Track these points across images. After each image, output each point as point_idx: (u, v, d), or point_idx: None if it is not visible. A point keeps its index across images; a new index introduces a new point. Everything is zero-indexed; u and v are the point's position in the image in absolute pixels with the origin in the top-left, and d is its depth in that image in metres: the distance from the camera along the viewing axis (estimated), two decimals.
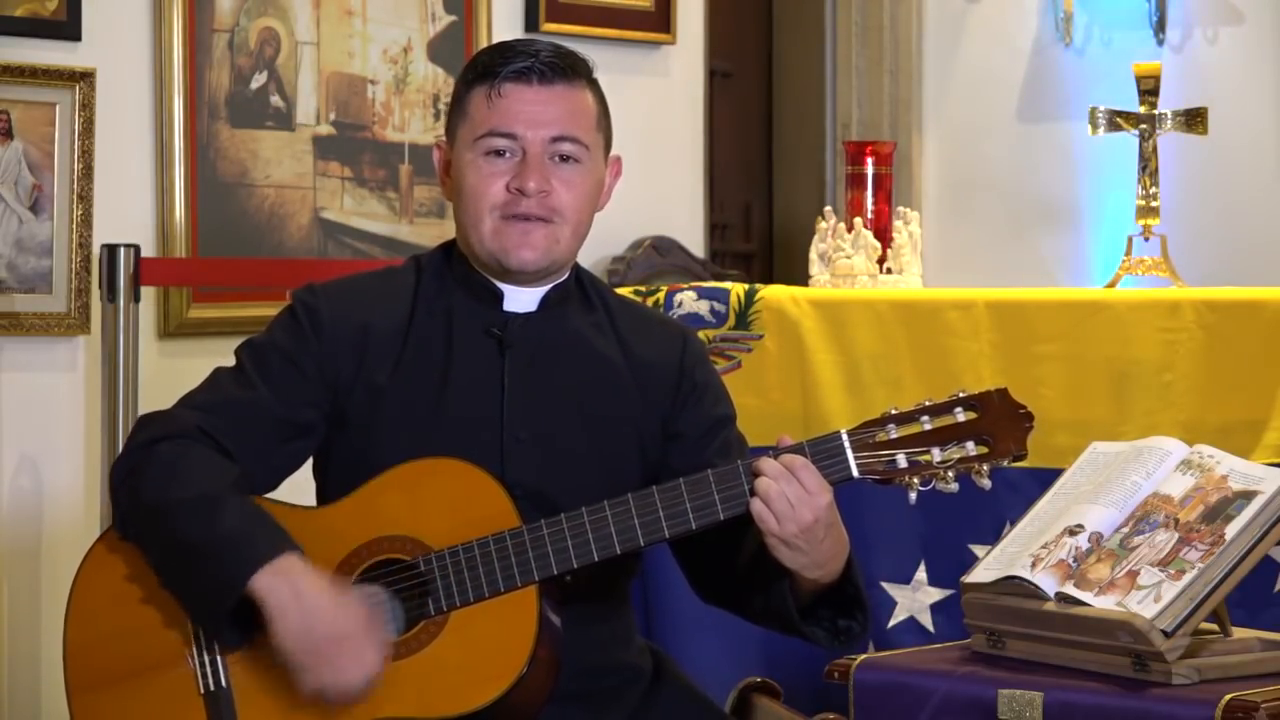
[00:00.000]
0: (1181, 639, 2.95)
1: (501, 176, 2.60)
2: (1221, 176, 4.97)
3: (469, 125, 2.62)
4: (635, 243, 5.07)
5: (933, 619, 4.01)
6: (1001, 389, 2.51)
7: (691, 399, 2.71)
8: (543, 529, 2.49)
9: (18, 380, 3.96)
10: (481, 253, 2.63)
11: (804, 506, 2.45)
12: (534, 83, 2.60)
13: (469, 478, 2.53)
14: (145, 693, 2.53)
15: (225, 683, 2.50)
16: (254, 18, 4.34)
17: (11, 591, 3.96)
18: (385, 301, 2.66)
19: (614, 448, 2.65)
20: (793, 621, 2.57)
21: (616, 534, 2.49)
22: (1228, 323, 3.84)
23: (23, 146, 3.94)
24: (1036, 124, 5.30)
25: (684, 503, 2.49)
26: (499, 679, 2.45)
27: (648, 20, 5.13)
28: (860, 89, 5.61)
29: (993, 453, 2.48)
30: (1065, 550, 3.10)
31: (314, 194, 4.45)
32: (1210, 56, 5.00)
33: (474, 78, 2.63)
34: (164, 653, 2.53)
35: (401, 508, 2.53)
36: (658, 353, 2.71)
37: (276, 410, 2.59)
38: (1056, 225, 5.21)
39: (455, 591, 2.49)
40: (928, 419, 2.49)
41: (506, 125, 2.59)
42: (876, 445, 2.49)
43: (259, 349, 2.63)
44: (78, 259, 3.99)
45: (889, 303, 4.20)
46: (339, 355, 2.61)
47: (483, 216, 2.61)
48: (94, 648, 2.56)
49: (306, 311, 2.63)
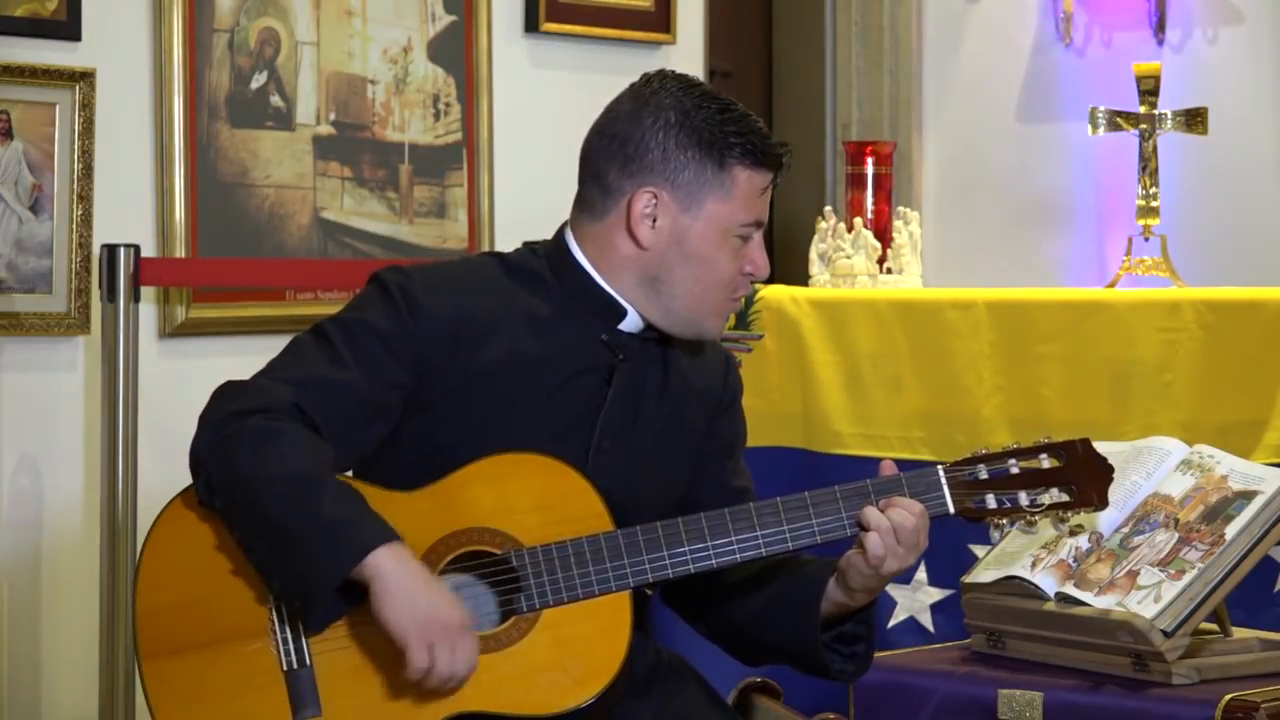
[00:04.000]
0: (1181, 639, 2.95)
1: (741, 258, 2.65)
2: (1221, 176, 4.97)
3: (731, 205, 2.61)
4: None
5: (933, 619, 4.01)
6: (1084, 440, 2.61)
7: (728, 412, 2.78)
8: (638, 536, 2.52)
9: (18, 380, 3.96)
10: (688, 317, 2.65)
11: (914, 552, 2.55)
12: (772, 175, 2.65)
13: (560, 475, 2.53)
14: (222, 664, 2.49)
15: (308, 662, 2.48)
16: (254, 18, 4.33)
17: (12, 592, 3.96)
18: (477, 292, 2.63)
19: (676, 472, 2.71)
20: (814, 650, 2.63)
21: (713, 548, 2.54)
22: (1228, 323, 3.84)
23: (23, 146, 3.94)
24: (1036, 124, 5.29)
25: (781, 523, 2.55)
26: (592, 682, 2.46)
27: (648, 20, 5.13)
28: (860, 89, 5.61)
29: (1076, 502, 2.59)
30: (1065, 550, 3.10)
31: (314, 194, 4.44)
32: (1210, 56, 5.00)
33: (744, 153, 2.62)
34: (245, 626, 2.49)
35: (489, 500, 2.52)
36: (710, 374, 2.77)
37: (365, 391, 2.56)
38: (1056, 225, 5.21)
39: (549, 589, 2.49)
40: (1014, 462, 2.59)
41: (763, 215, 2.65)
42: (968, 484, 2.58)
43: (352, 326, 2.59)
44: (78, 259, 3.99)
45: (889, 303, 4.20)
46: (432, 340, 2.58)
47: (714, 291, 2.64)
48: (168, 613, 2.51)
49: (403, 294, 2.59)
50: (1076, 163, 5.19)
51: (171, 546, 2.54)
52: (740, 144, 2.61)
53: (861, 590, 2.59)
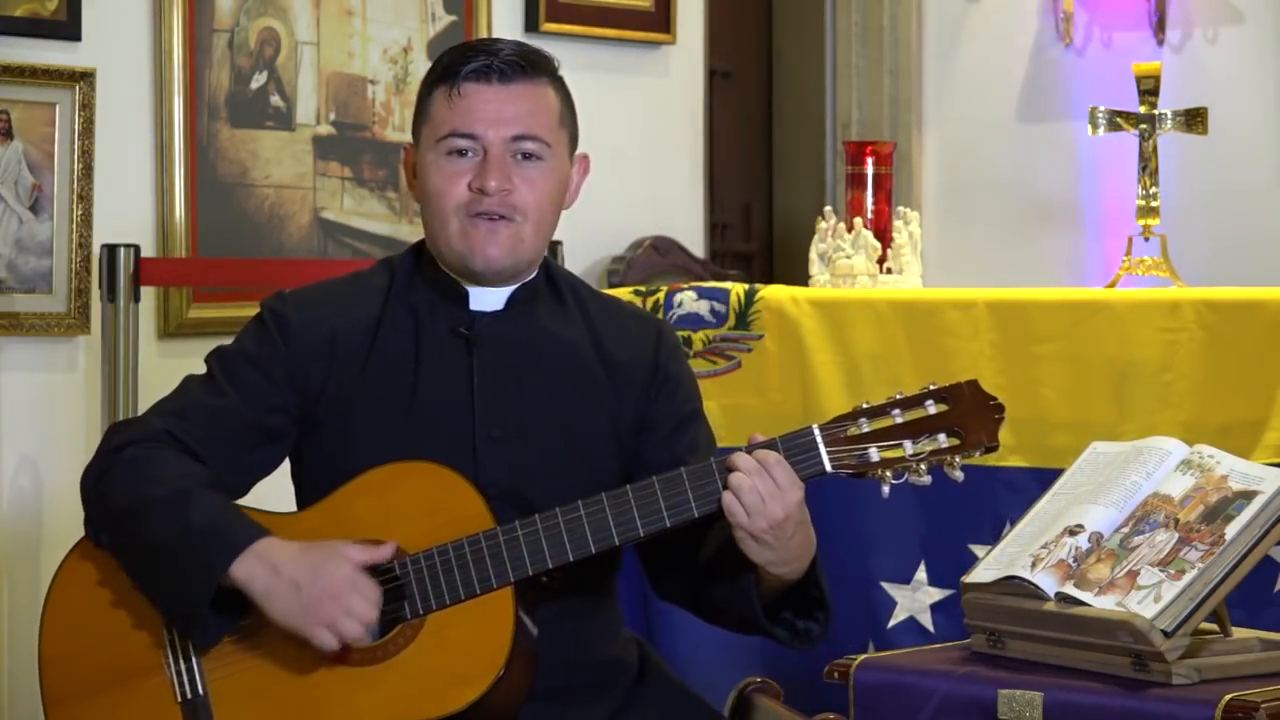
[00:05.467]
0: (1181, 639, 2.95)
1: (463, 176, 2.60)
2: (1221, 176, 4.97)
3: (431, 126, 2.63)
4: (635, 243, 5.07)
5: (933, 619, 4.01)
6: (972, 380, 2.52)
7: (665, 390, 2.72)
8: (517, 530, 2.50)
9: (18, 380, 3.96)
10: (448, 253, 2.64)
11: (775, 502, 2.45)
12: (493, 81, 2.60)
13: (441, 480, 2.53)
14: (123, 702, 2.53)
15: (203, 690, 2.51)
16: (254, 18, 4.34)
17: (12, 592, 3.96)
18: (355, 305, 2.66)
19: (588, 444, 2.66)
20: (755, 617, 2.57)
21: (591, 533, 2.50)
22: (1228, 323, 3.84)
23: (23, 146, 3.94)
24: (1036, 124, 5.30)
25: (658, 500, 2.50)
26: (477, 681, 2.46)
27: (648, 20, 5.14)
28: (860, 89, 5.62)
29: (964, 444, 2.49)
30: (1065, 550, 3.10)
31: (314, 194, 4.45)
32: (1210, 56, 5.00)
33: (435, 79, 2.64)
34: (140, 661, 2.54)
35: (375, 512, 2.54)
36: (632, 346, 2.71)
37: (246, 416, 2.60)
38: (1056, 225, 5.21)
39: (431, 594, 2.50)
40: (899, 412, 2.51)
41: (467, 125, 2.60)
42: (849, 439, 2.50)
43: (228, 356, 2.65)
44: (78, 259, 3.99)
45: (889, 303, 4.19)
46: (308, 361, 2.62)
47: (447, 217, 2.61)
48: (70, 659, 2.57)
49: (275, 318, 2.64)
50: (1076, 163, 5.19)
51: (72, 591, 2.60)
52: (433, 68, 2.65)
53: (766, 563, 2.49)
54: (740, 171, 5.83)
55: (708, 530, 2.60)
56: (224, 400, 2.60)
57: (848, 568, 3.98)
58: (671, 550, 2.66)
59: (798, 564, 2.54)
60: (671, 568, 2.69)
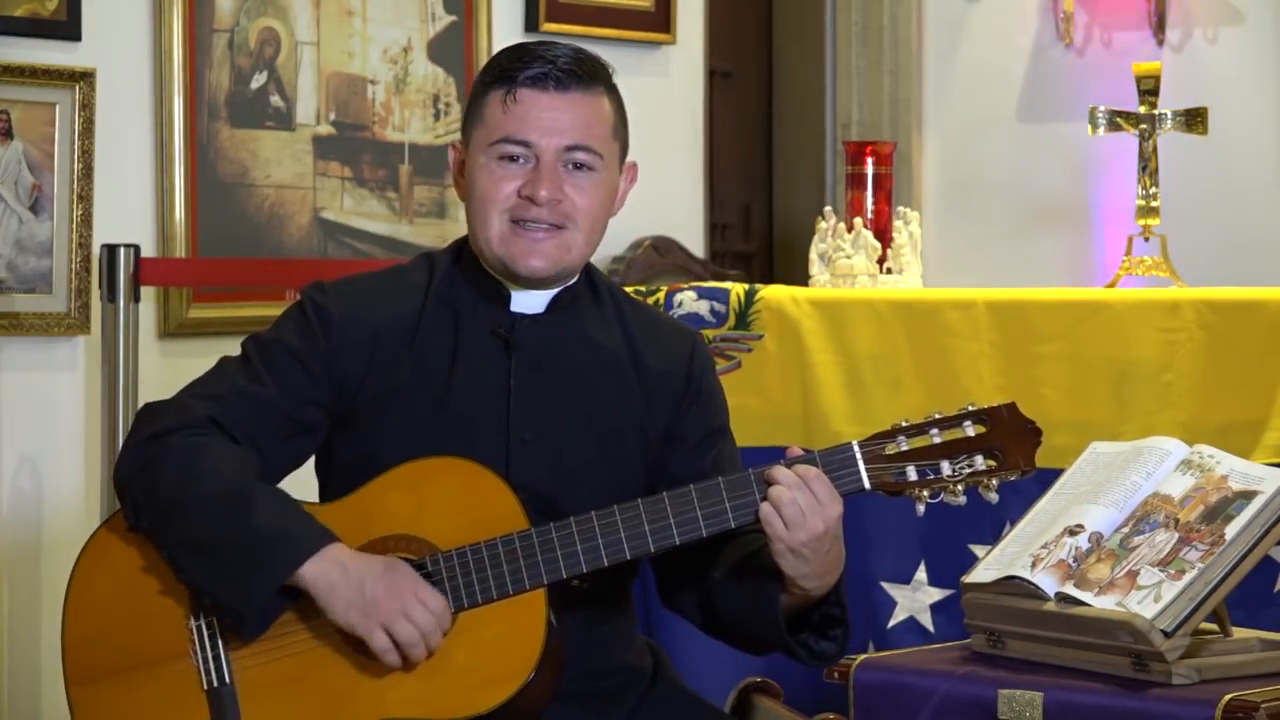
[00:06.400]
0: (1181, 639, 2.95)
1: (513, 181, 2.59)
2: (1221, 176, 4.97)
3: (484, 129, 2.61)
4: (635, 243, 5.07)
5: (933, 619, 4.01)
6: (1010, 404, 2.53)
7: (697, 403, 2.71)
8: (552, 533, 2.49)
9: (18, 380, 3.96)
10: (491, 256, 2.63)
11: (815, 516, 2.46)
12: (550, 89, 2.59)
13: (476, 478, 2.52)
14: (146, 687, 2.52)
15: (229, 679, 2.50)
16: (254, 18, 4.34)
17: (12, 592, 3.96)
18: (395, 302, 2.65)
19: (618, 451, 2.65)
20: (777, 633, 2.57)
21: (627, 539, 2.49)
22: (1228, 323, 3.84)
23: (23, 146, 3.94)
24: (1036, 124, 5.30)
25: (694, 509, 2.49)
26: (508, 681, 2.45)
27: (648, 20, 5.14)
28: (860, 89, 5.62)
29: (1001, 467, 2.51)
30: (1065, 550, 3.10)
31: (314, 194, 4.44)
32: (1210, 56, 5.00)
33: (491, 80, 2.62)
34: (165, 648, 2.52)
35: (407, 506, 2.53)
36: (666, 356, 2.71)
37: (283, 407, 2.59)
38: (1056, 225, 5.21)
39: (464, 592, 2.49)
40: (937, 432, 2.51)
41: (521, 133, 2.59)
42: (888, 457, 2.51)
43: (267, 344, 2.62)
44: (78, 259, 3.99)
45: (889, 303, 4.19)
46: (347, 355, 2.60)
47: (492, 219, 2.60)
48: (94, 640, 2.55)
49: (316, 310, 2.62)
50: (1077, 163, 5.19)
51: (98, 573, 2.57)
52: (489, 69, 2.64)
53: (799, 576, 2.50)
54: (740, 171, 5.83)
55: (724, 545, 2.60)
56: (263, 389, 2.58)
57: (848, 567, 3.97)
58: (686, 563, 2.65)
59: (829, 578, 2.54)
60: (684, 581, 2.68)
